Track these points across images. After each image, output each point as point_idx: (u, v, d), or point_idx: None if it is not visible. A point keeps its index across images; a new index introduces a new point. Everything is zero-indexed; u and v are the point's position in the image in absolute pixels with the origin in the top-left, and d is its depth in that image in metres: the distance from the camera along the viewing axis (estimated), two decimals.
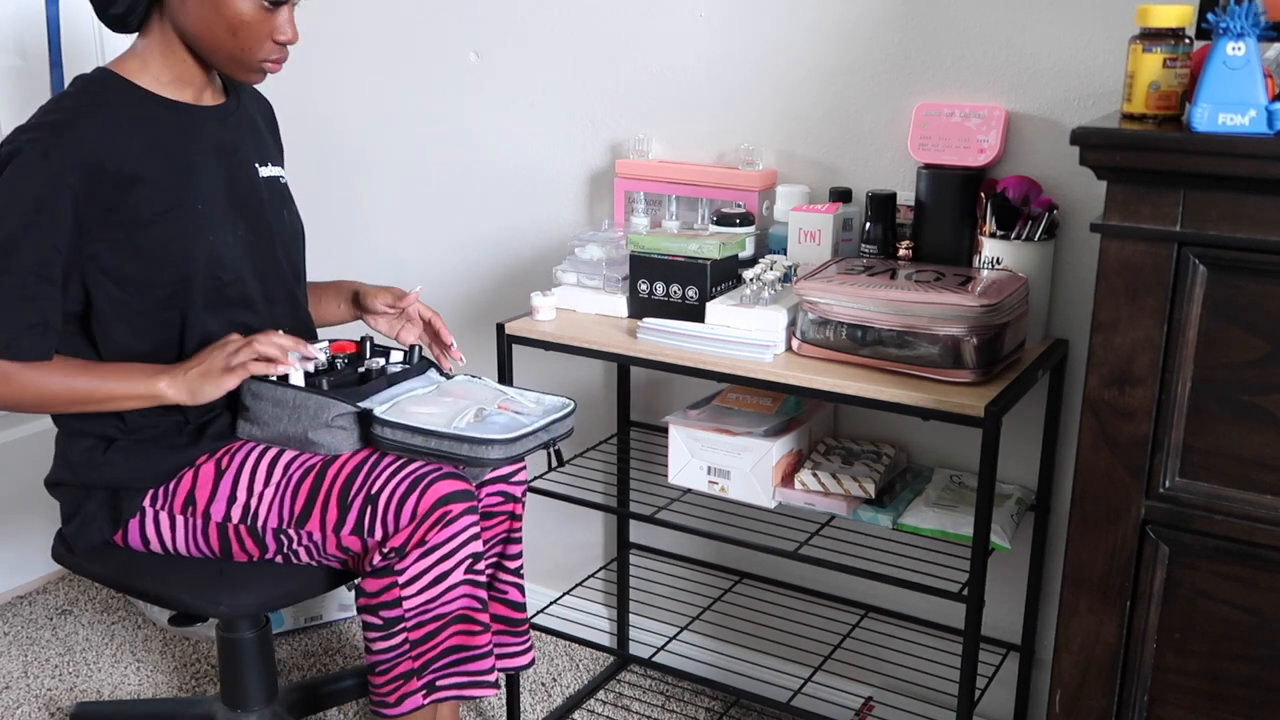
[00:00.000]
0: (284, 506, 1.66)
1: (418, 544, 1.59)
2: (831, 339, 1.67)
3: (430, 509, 1.59)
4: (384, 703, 1.67)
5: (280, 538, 1.67)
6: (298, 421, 1.67)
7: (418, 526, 1.59)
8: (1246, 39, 1.18)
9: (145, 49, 1.68)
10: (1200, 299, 1.26)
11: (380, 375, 1.74)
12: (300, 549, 1.67)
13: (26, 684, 2.28)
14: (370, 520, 1.61)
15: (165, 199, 1.64)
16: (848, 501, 1.77)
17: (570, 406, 1.71)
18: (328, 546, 1.66)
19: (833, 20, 1.89)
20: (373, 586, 1.62)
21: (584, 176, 2.19)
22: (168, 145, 1.67)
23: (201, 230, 1.68)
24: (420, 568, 1.60)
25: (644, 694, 2.25)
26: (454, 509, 1.59)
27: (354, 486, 1.63)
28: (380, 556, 1.61)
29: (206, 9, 1.61)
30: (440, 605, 1.64)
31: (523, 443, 1.62)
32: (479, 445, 1.59)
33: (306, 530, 1.65)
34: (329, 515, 1.64)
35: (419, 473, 1.62)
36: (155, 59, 1.68)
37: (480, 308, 2.37)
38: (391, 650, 1.64)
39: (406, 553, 1.59)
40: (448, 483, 1.61)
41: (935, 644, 2.02)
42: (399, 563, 1.60)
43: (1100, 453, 1.33)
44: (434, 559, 1.60)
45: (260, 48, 1.65)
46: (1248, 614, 1.31)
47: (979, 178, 1.76)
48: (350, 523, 1.63)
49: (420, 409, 1.66)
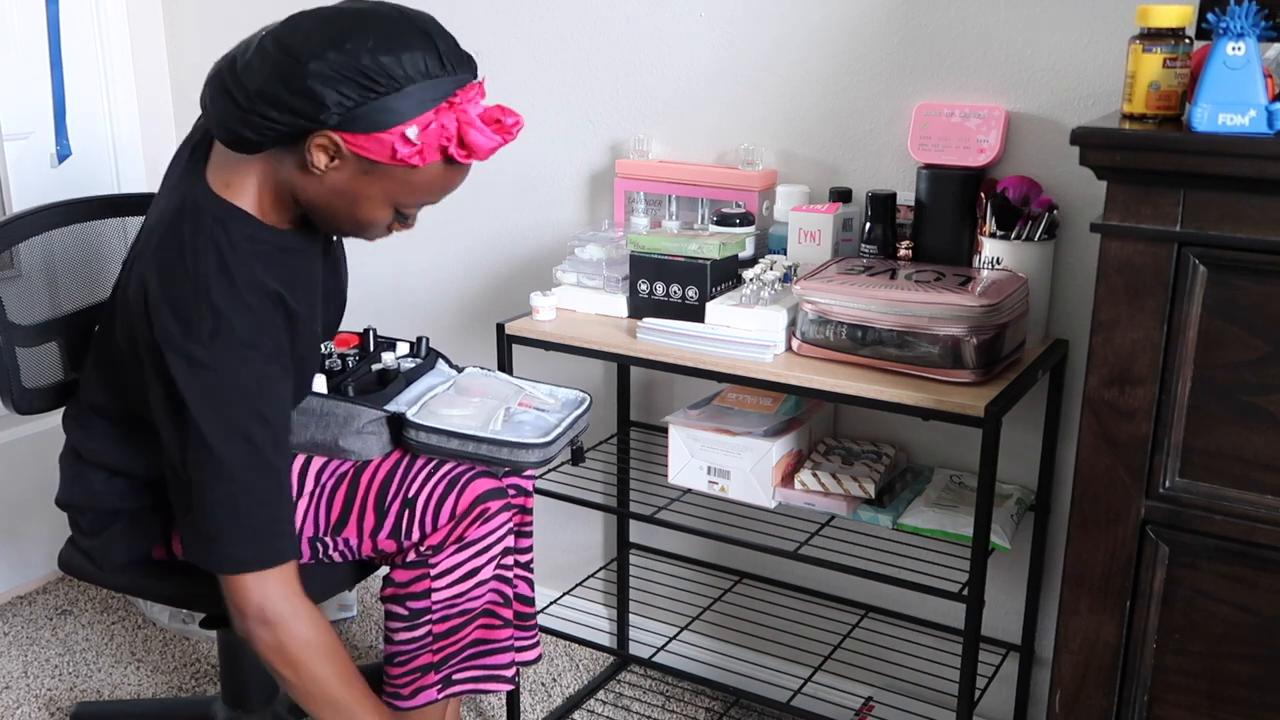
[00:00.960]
0: (319, 515, 1.65)
1: (455, 540, 1.60)
2: (831, 339, 1.67)
3: (469, 508, 1.59)
4: (397, 694, 1.67)
5: (316, 545, 1.66)
6: (327, 429, 1.66)
7: (456, 525, 1.60)
8: (1246, 39, 1.18)
9: (258, 187, 1.48)
10: (1200, 299, 1.26)
11: (397, 374, 1.74)
12: (335, 553, 1.67)
13: (26, 684, 2.28)
14: (409, 524, 1.61)
15: (304, 345, 1.56)
16: (848, 501, 1.77)
17: (587, 401, 1.73)
18: (363, 550, 1.65)
19: (833, 20, 1.89)
20: (402, 577, 1.62)
21: (584, 176, 2.19)
22: (301, 287, 1.55)
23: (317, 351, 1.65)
24: (454, 562, 1.60)
25: (644, 694, 2.25)
26: (492, 506, 1.60)
27: (390, 491, 1.62)
28: (415, 554, 1.61)
29: (337, 198, 1.45)
30: (468, 600, 1.64)
31: (556, 444, 1.65)
32: (518, 449, 1.61)
33: (343, 537, 1.65)
34: (366, 521, 1.63)
35: (454, 473, 1.62)
36: (268, 199, 1.49)
37: (480, 308, 2.37)
38: (414, 642, 1.64)
39: (443, 548, 1.60)
40: (484, 481, 1.61)
41: (935, 644, 2.02)
42: (433, 556, 1.60)
43: (1100, 453, 1.33)
44: (469, 554, 1.60)
45: (375, 235, 1.53)
46: (1248, 614, 1.31)
47: (979, 178, 1.76)
48: (388, 527, 1.62)
49: (449, 411, 1.66)
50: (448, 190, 1.49)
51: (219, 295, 1.41)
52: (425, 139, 1.38)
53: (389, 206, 1.47)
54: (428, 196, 1.47)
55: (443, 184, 1.46)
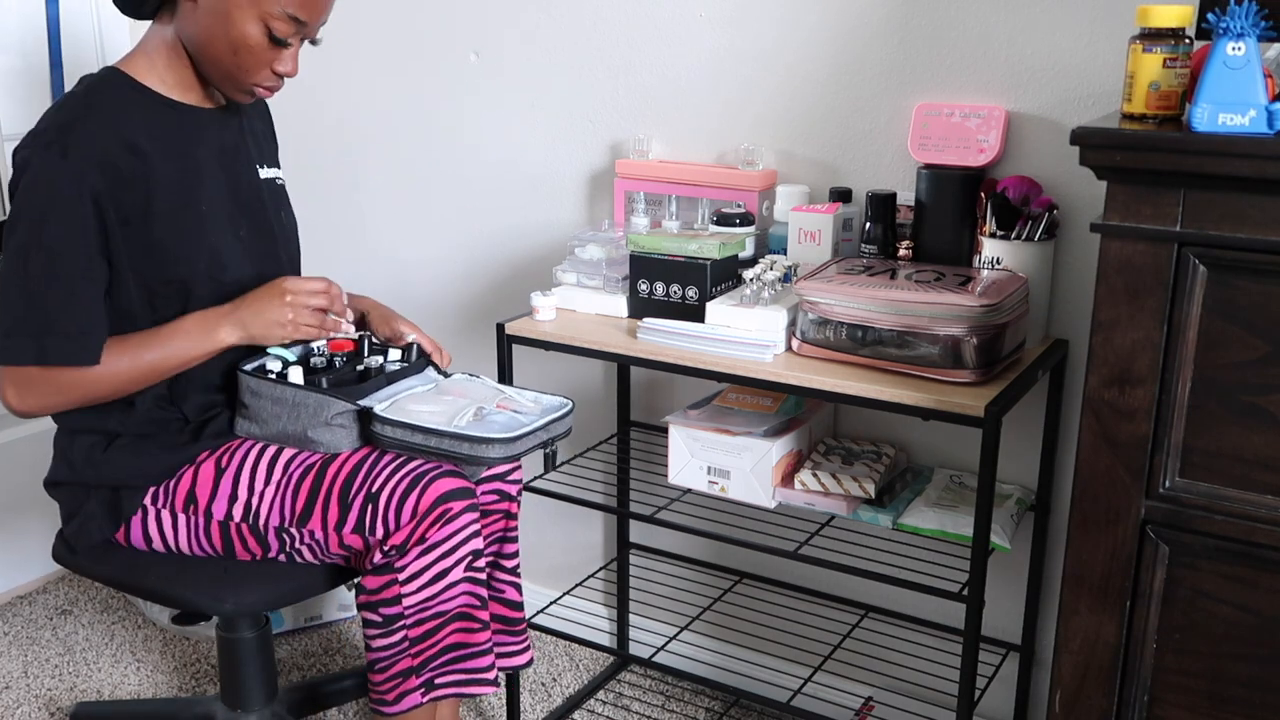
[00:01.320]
0: (285, 505, 1.66)
1: (418, 541, 1.59)
2: (831, 339, 1.67)
3: (431, 507, 1.59)
4: (383, 700, 1.67)
5: (283, 536, 1.67)
6: (297, 419, 1.67)
7: (418, 524, 1.59)
8: (1246, 39, 1.18)
9: (152, 50, 1.68)
10: (1200, 299, 1.26)
11: (379, 373, 1.75)
12: (303, 547, 1.67)
13: (26, 684, 2.28)
14: (371, 519, 1.61)
15: (172, 198, 1.65)
16: (848, 501, 1.77)
17: (568, 406, 1.71)
18: (330, 545, 1.66)
19: (833, 20, 1.89)
20: (373, 584, 1.62)
21: (584, 176, 2.19)
22: (174, 146, 1.67)
23: (204, 231, 1.69)
24: (420, 565, 1.60)
25: (644, 694, 2.25)
26: (454, 507, 1.60)
27: (354, 485, 1.63)
28: (381, 554, 1.61)
29: (213, 20, 1.60)
30: (440, 603, 1.64)
31: (522, 442, 1.62)
32: (479, 444, 1.59)
33: (308, 529, 1.65)
34: (330, 514, 1.64)
35: (419, 471, 1.62)
36: (160, 60, 1.68)
37: (480, 308, 2.37)
38: (391, 648, 1.65)
39: (407, 550, 1.60)
40: (448, 480, 1.61)
41: (935, 644, 2.02)
42: (399, 560, 1.60)
43: (1100, 453, 1.33)
44: (434, 556, 1.60)
45: (257, 73, 1.64)
46: (1248, 614, 1.31)
47: (979, 178, 1.76)
48: (351, 521, 1.63)
49: (420, 407, 1.66)
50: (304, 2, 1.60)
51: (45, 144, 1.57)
52: None
53: (258, 19, 1.59)
54: (287, 2, 1.58)
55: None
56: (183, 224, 1.66)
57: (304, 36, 1.66)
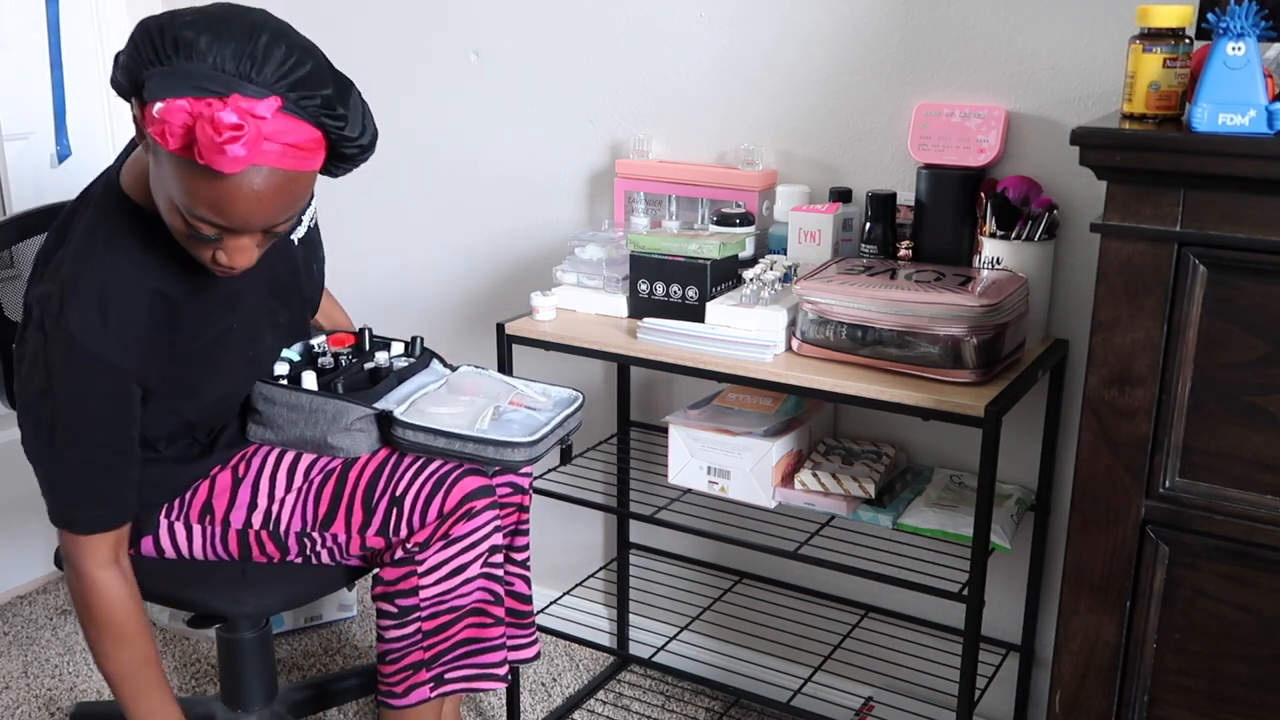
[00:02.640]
0: (307, 511, 1.65)
1: (441, 537, 1.60)
2: (831, 339, 1.67)
3: (455, 506, 1.60)
4: (391, 693, 1.67)
5: (303, 540, 1.66)
6: (315, 425, 1.67)
7: (442, 523, 1.60)
8: (1246, 39, 1.18)
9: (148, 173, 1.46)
10: (1200, 299, 1.26)
11: (389, 372, 1.74)
12: (323, 550, 1.67)
13: (26, 684, 2.28)
14: (396, 521, 1.62)
15: (203, 334, 1.57)
16: (848, 501, 1.77)
17: (579, 399, 1.72)
18: (351, 547, 1.66)
19: (833, 20, 1.89)
20: (391, 575, 1.62)
21: (584, 176, 2.19)
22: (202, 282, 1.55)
23: (240, 347, 1.64)
24: (440, 558, 1.61)
25: (644, 694, 2.25)
26: (478, 504, 1.61)
27: (378, 489, 1.63)
28: (403, 550, 1.61)
29: (155, 187, 1.41)
30: (456, 597, 1.64)
31: (543, 443, 1.64)
32: (504, 448, 1.61)
33: (331, 532, 1.65)
34: (354, 518, 1.64)
35: (442, 472, 1.62)
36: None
37: (480, 308, 2.37)
38: (404, 639, 1.65)
39: (429, 545, 1.60)
40: (471, 480, 1.62)
41: (935, 644, 2.02)
42: (420, 553, 1.61)
43: (1100, 453, 1.33)
44: (455, 550, 1.61)
45: (204, 256, 1.45)
46: (1248, 614, 1.31)
47: (979, 178, 1.76)
48: (376, 524, 1.63)
49: (438, 409, 1.66)
50: (212, 206, 1.35)
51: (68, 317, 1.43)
52: (170, 117, 1.29)
53: (178, 211, 1.38)
54: (193, 202, 1.36)
55: (195, 190, 1.34)
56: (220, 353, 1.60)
57: (242, 234, 1.41)
